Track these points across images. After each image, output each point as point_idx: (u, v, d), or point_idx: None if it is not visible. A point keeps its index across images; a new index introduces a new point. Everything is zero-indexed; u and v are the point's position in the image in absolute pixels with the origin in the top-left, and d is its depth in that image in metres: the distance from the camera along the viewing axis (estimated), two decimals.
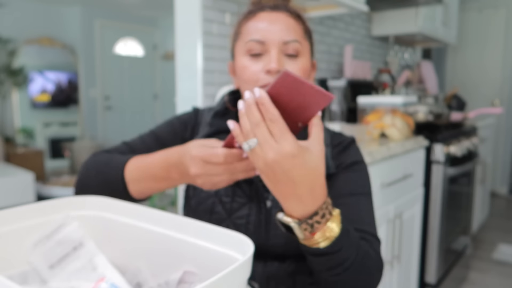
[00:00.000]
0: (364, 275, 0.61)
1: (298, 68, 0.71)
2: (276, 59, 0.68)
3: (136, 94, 6.20)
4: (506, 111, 4.20)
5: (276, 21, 0.71)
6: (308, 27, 0.77)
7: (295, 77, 0.48)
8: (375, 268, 0.64)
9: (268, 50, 0.70)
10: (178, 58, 1.54)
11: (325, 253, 0.55)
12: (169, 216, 0.57)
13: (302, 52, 0.72)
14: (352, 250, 0.58)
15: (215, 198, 0.75)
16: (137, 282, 0.59)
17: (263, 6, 0.73)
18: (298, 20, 0.74)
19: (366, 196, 0.75)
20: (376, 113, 1.78)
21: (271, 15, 0.71)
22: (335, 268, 0.58)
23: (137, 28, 6.06)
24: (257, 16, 0.72)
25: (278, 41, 0.70)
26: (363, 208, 0.72)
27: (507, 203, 4.08)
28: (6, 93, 4.78)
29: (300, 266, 0.76)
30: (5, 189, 3.49)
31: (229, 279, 0.41)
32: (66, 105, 5.50)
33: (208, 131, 0.79)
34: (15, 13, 4.83)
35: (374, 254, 0.64)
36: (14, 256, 0.57)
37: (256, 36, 0.70)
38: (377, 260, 0.65)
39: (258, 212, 0.74)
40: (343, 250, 0.56)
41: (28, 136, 5.08)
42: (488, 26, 4.25)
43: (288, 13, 0.73)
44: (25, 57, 4.95)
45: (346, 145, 0.79)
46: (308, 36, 0.76)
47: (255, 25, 0.72)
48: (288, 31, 0.70)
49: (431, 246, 1.93)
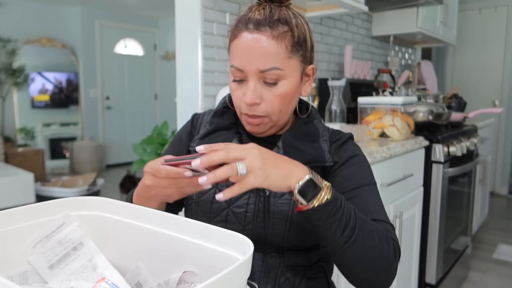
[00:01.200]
0: (379, 254, 0.66)
1: (274, 96, 0.72)
2: (251, 92, 0.71)
3: (136, 94, 6.20)
4: (506, 111, 4.21)
5: (255, 47, 0.70)
6: (300, 35, 0.72)
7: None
8: (392, 252, 0.67)
9: (247, 78, 0.72)
10: (178, 58, 1.54)
11: (331, 201, 0.62)
12: (169, 216, 0.57)
13: (284, 75, 0.72)
14: (353, 215, 0.65)
15: (216, 189, 0.78)
16: (137, 282, 0.59)
17: (247, 23, 0.71)
18: (282, 37, 0.70)
19: (370, 186, 0.77)
20: (376, 113, 1.78)
21: (252, 38, 0.70)
22: (346, 228, 0.63)
23: (137, 28, 6.06)
24: (240, 37, 0.71)
25: (255, 70, 0.70)
26: (369, 199, 0.75)
27: (507, 203, 4.08)
28: (6, 93, 4.78)
29: (300, 259, 0.77)
30: (5, 189, 3.49)
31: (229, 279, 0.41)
32: (66, 105, 5.50)
33: (207, 129, 0.83)
34: (15, 13, 4.84)
35: (391, 240, 0.69)
36: (14, 256, 0.57)
37: (236, 62, 0.72)
38: (394, 244, 0.69)
39: (257, 201, 0.75)
40: (346, 206, 0.64)
41: (28, 136, 5.08)
42: (488, 26, 4.25)
43: (271, 31, 0.70)
44: (25, 57, 4.95)
45: (344, 141, 0.81)
46: (296, 49, 0.72)
47: (236, 49, 0.72)
48: (266, 59, 0.70)
49: (431, 246, 1.93)
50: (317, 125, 0.82)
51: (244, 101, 0.73)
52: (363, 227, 0.65)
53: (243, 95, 0.73)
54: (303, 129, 0.80)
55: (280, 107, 0.74)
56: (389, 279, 0.69)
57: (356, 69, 2.34)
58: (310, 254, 0.79)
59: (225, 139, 0.79)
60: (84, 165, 5.21)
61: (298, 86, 0.76)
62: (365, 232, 0.65)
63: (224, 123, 0.83)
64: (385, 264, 0.67)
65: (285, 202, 0.74)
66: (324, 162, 0.77)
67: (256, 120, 0.75)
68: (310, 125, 0.81)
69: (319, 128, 0.82)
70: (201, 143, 0.80)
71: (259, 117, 0.74)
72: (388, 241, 0.68)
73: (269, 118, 0.75)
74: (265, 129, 0.77)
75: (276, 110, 0.74)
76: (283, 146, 0.77)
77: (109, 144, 5.87)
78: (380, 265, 0.66)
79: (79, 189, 3.93)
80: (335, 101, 1.80)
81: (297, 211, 0.64)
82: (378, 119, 1.76)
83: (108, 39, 5.75)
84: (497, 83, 4.23)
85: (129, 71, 6.06)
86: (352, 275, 0.68)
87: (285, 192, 0.74)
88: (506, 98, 4.20)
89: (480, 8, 4.27)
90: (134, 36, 6.07)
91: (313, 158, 0.76)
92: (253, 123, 0.76)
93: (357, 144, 0.84)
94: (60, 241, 0.59)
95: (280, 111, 0.74)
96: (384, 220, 0.73)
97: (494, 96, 4.25)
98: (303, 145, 0.77)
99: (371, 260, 0.65)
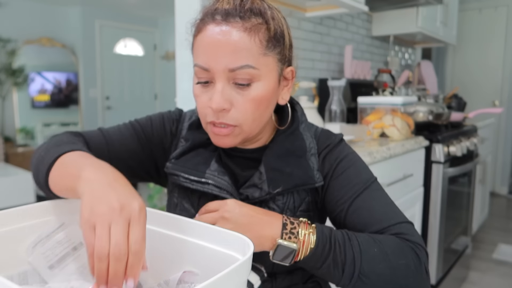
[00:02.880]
0: (397, 273, 0.59)
1: (246, 101, 0.61)
2: (218, 95, 0.60)
3: (136, 94, 6.20)
4: (506, 111, 4.20)
5: (223, 41, 0.59)
6: (276, 29, 0.62)
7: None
8: (412, 260, 0.60)
9: (214, 79, 0.61)
10: (178, 58, 1.54)
11: (317, 248, 0.59)
12: (169, 216, 0.57)
13: (258, 76, 0.61)
14: (348, 248, 0.60)
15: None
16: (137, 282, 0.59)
17: (214, 13, 0.61)
18: (255, 30, 0.60)
19: (370, 187, 0.69)
20: (376, 113, 1.78)
21: (220, 30, 0.59)
22: (344, 266, 0.59)
23: (137, 28, 6.06)
24: (205, 30, 0.61)
25: (223, 69, 0.59)
26: (373, 205, 0.67)
27: (507, 203, 4.08)
28: (6, 93, 4.78)
29: (294, 279, 0.73)
30: (5, 189, 3.49)
31: (229, 279, 0.41)
32: (66, 105, 5.50)
33: (183, 147, 0.72)
34: (15, 13, 4.83)
35: (408, 247, 0.61)
36: (14, 256, 0.57)
37: (201, 61, 0.61)
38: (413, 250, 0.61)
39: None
40: (337, 243, 0.60)
41: (28, 136, 5.08)
42: (488, 26, 4.25)
43: (242, 23, 0.59)
44: (25, 57, 4.94)
45: (332, 148, 0.72)
46: (273, 45, 0.62)
47: (201, 44, 0.61)
48: (236, 55, 0.59)
49: (431, 246, 1.93)
50: (303, 134, 0.71)
51: (210, 107, 0.61)
52: (365, 257, 0.59)
53: (209, 100, 0.62)
54: (286, 145, 0.69)
55: (253, 115, 0.62)
56: (421, 286, 0.61)
57: (356, 69, 2.34)
58: (303, 273, 0.74)
59: (203, 161, 0.69)
60: None
61: (275, 91, 0.65)
62: (369, 259, 0.59)
63: (201, 138, 0.71)
64: (408, 279, 0.60)
65: None
66: (313, 183, 0.67)
67: (225, 130, 0.63)
68: (295, 136, 0.70)
69: (306, 139, 0.70)
70: (176, 164, 0.70)
71: (228, 126, 0.63)
72: (404, 252, 0.60)
73: (240, 128, 0.63)
74: (236, 141, 0.65)
75: (249, 119, 0.62)
76: (266, 171, 0.66)
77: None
78: (402, 283, 0.59)
79: None
80: (335, 101, 1.80)
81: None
82: (378, 119, 1.76)
83: (108, 39, 5.74)
84: (497, 83, 4.23)
85: (129, 71, 6.06)
86: None
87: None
88: (506, 98, 4.20)
89: (480, 8, 4.27)
90: (134, 36, 6.07)
91: (301, 181, 0.67)
92: (220, 134, 0.63)
93: (347, 144, 0.74)
94: (60, 241, 0.59)
95: (253, 119, 0.63)
96: (397, 222, 0.64)
97: (494, 96, 4.25)
98: (288, 166, 0.67)
99: (389, 284, 0.59)
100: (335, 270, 0.59)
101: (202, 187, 0.67)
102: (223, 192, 0.66)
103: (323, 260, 0.59)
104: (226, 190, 0.67)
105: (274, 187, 0.66)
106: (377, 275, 0.58)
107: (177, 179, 0.70)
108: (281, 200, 0.68)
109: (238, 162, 0.72)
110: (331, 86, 1.81)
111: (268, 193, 0.66)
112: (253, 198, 0.67)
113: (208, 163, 0.69)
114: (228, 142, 0.65)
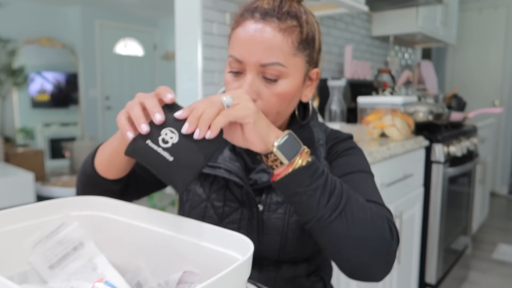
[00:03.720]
0: (373, 229, 0.59)
1: (272, 94, 0.66)
2: (247, 86, 0.65)
3: None
4: (506, 111, 4.20)
5: (259, 38, 0.64)
6: (309, 33, 0.67)
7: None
8: (387, 230, 0.60)
9: (246, 70, 0.66)
10: (178, 58, 1.54)
11: (312, 164, 0.58)
12: (169, 216, 0.57)
13: (286, 73, 0.66)
14: (338, 183, 0.60)
15: (207, 203, 0.75)
16: (137, 282, 0.59)
17: (253, 10, 0.66)
18: (289, 32, 0.65)
19: (364, 173, 0.72)
20: (376, 113, 1.78)
21: (257, 27, 0.64)
22: (332, 195, 0.58)
23: (137, 28, 6.06)
24: (244, 25, 0.66)
25: (255, 63, 0.64)
26: (364, 183, 0.69)
27: (507, 203, 4.08)
28: (6, 93, 4.78)
29: (297, 271, 0.75)
30: (5, 189, 3.49)
31: (229, 279, 0.41)
32: (66, 105, 5.50)
33: None
34: (15, 13, 4.83)
35: (386, 218, 0.62)
36: (14, 256, 0.57)
37: (236, 52, 0.66)
38: (389, 223, 0.62)
39: (250, 217, 0.73)
40: (329, 174, 0.60)
41: (28, 136, 5.08)
42: (488, 26, 4.25)
43: (278, 23, 0.64)
44: (25, 57, 4.95)
45: (341, 139, 0.77)
46: (303, 47, 0.67)
47: (238, 37, 0.66)
48: (269, 52, 0.64)
49: (431, 246, 1.93)
50: (312, 129, 0.77)
51: None
52: (351, 197, 0.59)
53: (238, 88, 0.67)
54: (296, 134, 0.72)
55: (277, 108, 0.68)
56: (387, 262, 0.60)
57: (356, 69, 2.34)
58: (307, 265, 0.77)
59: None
60: None
61: (299, 89, 0.70)
62: (354, 202, 0.59)
63: None
64: (381, 241, 0.59)
65: (279, 216, 0.72)
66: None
67: None
68: (305, 129, 0.75)
69: (315, 132, 0.77)
70: None
71: None
72: (381, 218, 0.61)
73: None
74: None
75: (273, 111, 0.67)
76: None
77: None
78: (374, 243, 0.58)
79: None
80: (335, 101, 1.80)
81: (273, 181, 0.60)
82: (378, 119, 1.76)
83: (108, 39, 5.75)
84: (497, 83, 4.23)
85: (129, 71, 6.06)
86: (343, 257, 0.59)
87: (279, 206, 0.72)
88: (506, 98, 4.20)
89: (480, 8, 4.27)
90: (134, 36, 6.07)
91: None
92: None
93: (355, 142, 0.80)
94: (60, 241, 0.59)
95: (277, 112, 0.68)
96: (380, 203, 0.66)
97: (494, 96, 4.25)
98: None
99: (363, 235, 0.58)
100: (322, 195, 0.57)
101: (214, 171, 0.73)
102: (232, 176, 0.71)
103: (315, 179, 0.58)
104: (236, 174, 0.71)
105: None
106: (357, 218, 0.58)
107: None
108: None
109: (251, 151, 0.75)
110: (331, 86, 1.81)
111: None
112: (262, 182, 0.72)
113: (221, 150, 0.74)
114: None
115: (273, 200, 0.72)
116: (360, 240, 0.57)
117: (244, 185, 0.71)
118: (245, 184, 0.71)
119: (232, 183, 0.73)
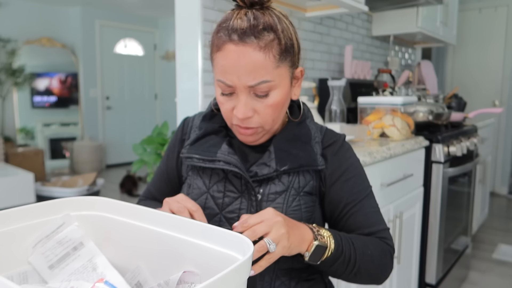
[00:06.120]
0: (380, 269, 0.76)
1: (266, 107, 0.71)
2: (243, 107, 0.70)
3: (136, 94, 6.20)
4: (506, 111, 4.20)
5: (242, 62, 0.66)
6: (287, 41, 0.69)
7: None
8: (390, 262, 0.78)
9: (237, 91, 0.70)
10: (178, 58, 1.54)
11: (334, 252, 0.70)
12: (169, 216, 0.57)
13: (274, 86, 0.70)
14: (353, 252, 0.72)
15: (207, 194, 0.78)
16: (137, 282, 0.59)
17: (230, 32, 0.67)
18: (269, 47, 0.67)
19: (367, 197, 0.80)
20: (376, 113, 1.78)
21: (238, 51, 0.66)
22: (348, 265, 0.72)
23: (137, 28, 6.06)
24: (224, 50, 0.68)
25: (244, 85, 0.68)
26: (369, 211, 0.79)
27: (507, 203, 4.08)
28: (6, 93, 4.78)
29: (295, 262, 0.77)
30: (5, 189, 3.49)
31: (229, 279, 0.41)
32: (66, 105, 5.50)
33: (197, 134, 0.82)
34: (15, 13, 4.84)
35: (388, 251, 0.78)
36: (14, 256, 0.57)
37: (224, 78, 0.69)
38: (390, 251, 0.78)
39: (249, 206, 0.75)
40: (345, 247, 0.71)
41: (28, 136, 5.08)
42: (488, 26, 4.25)
43: (257, 42, 0.66)
44: (25, 57, 4.95)
45: (339, 146, 0.81)
46: (284, 57, 0.69)
47: (222, 63, 0.69)
48: (254, 73, 0.67)
49: (431, 246, 1.93)
50: (309, 126, 0.81)
51: (236, 116, 0.71)
52: (363, 259, 0.73)
53: (233, 108, 0.72)
54: (294, 131, 0.79)
55: (272, 116, 0.73)
56: (386, 277, 0.79)
57: (356, 69, 2.34)
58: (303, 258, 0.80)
59: (215, 144, 0.79)
60: (84, 165, 5.21)
61: (289, 92, 0.74)
62: (365, 260, 0.73)
63: (213, 127, 0.82)
64: (385, 273, 0.77)
65: (277, 206, 0.74)
66: (316, 166, 0.77)
67: (249, 131, 0.74)
68: (302, 126, 0.80)
69: (311, 129, 0.81)
70: (191, 148, 0.80)
71: (252, 128, 0.73)
72: (385, 254, 0.76)
73: (262, 128, 0.74)
74: (258, 137, 0.76)
75: (269, 120, 0.73)
76: (275, 150, 0.76)
77: (109, 144, 5.87)
78: (380, 276, 0.77)
79: (79, 189, 3.93)
80: (335, 101, 1.80)
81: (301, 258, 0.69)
82: (378, 119, 1.76)
83: (108, 39, 5.75)
84: (497, 83, 4.23)
85: (129, 71, 6.06)
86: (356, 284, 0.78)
87: (277, 196, 0.75)
88: (506, 98, 4.20)
89: (480, 8, 4.27)
90: (134, 36, 6.07)
91: (305, 162, 0.76)
92: (246, 134, 0.74)
93: (350, 145, 0.84)
94: (60, 241, 0.59)
95: (273, 120, 0.73)
96: (383, 228, 0.79)
97: (494, 96, 4.25)
98: (295, 148, 0.77)
99: (372, 276, 0.76)
100: (341, 267, 0.71)
101: (213, 165, 0.76)
102: (231, 167, 0.74)
103: (335, 261, 0.70)
104: (235, 166, 0.74)
105: (281, 165, 0.74)
106: (366, 270, 0.74)
107: (191, 161, 0.79)
108: (286, 179, 0.76)
109: (251, 149, 0.81)
110: (331, 86, 1.81)
111: (275, 170, 0.74)
112: (262, 174, 0.74)
113: (219, 145, 0.78)
114: (253, 140, 0.76)
115: (272, 190, 0.75)
116: (370, 279, 0.76)
117: (243, 174, 0.74)
118: (244, 174, 0.74)
119: (232, 174, 0.77)
